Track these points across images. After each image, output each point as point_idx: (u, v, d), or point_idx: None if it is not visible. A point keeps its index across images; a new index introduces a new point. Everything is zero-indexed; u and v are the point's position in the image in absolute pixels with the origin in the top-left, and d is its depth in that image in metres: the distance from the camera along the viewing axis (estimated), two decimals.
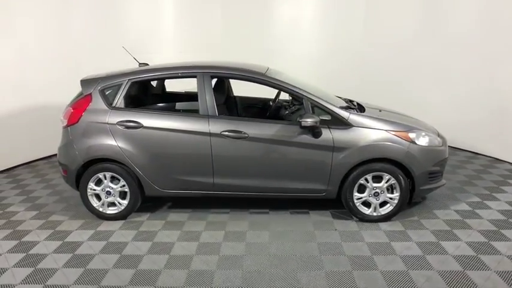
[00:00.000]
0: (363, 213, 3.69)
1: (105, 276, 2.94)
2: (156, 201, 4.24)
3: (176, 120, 3.64)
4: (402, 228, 3.58)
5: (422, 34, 6.28)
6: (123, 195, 3.83)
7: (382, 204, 3.68)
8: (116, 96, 3.73)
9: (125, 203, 3.82)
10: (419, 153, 3.57)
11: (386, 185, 3.60)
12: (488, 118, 5.58)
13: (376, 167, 3.56)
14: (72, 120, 3.73)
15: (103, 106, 3.70)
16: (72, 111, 3.75)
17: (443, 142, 3.87)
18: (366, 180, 3.60)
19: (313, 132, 3.52)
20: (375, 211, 3.69)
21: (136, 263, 3.10)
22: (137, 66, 4.39)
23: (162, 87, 4.90)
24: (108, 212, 3.85)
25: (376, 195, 3.64)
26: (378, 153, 3.52)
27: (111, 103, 3.71)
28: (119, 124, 3.64)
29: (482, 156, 5.75)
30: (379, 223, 3.69)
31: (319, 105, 3.59)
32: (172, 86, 4.80)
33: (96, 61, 5.71)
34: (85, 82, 3.84)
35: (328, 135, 3.52)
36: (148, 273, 2.96)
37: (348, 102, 4.26)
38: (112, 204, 3.85)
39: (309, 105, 3.59)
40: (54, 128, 4.52)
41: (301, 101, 3.72)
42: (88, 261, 3.14)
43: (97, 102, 3.72)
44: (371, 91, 6.68)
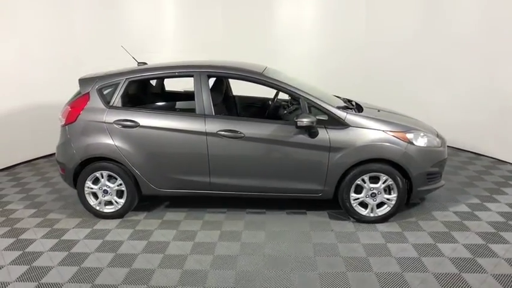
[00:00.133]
0: (359, 214, 3.66)
1: (99, 274, 2.95)
2: (154, 200, 4.25)
3: (173, 120, 3.64)
4: (399, 230, 3.55)
5: (424, 34, 6.22)
6: (120, 194, 3.84)
7: (379, 205, 3.65)
8: (114, 95, 3.74)
9: (122, 201, 3.83)
10: (417, 154, 3.54)
11: (383, 185, 3.58)
12: (491, 118, 5.52)
13: (373, 168, 3.54)
14: (70, 119, 3.75)
15: (100, 105, 3.71)
16: (70, 110, 3.77)
17: (442, 143, 3.83)
18: (363, 180, 3.58)
19: (309, 132, 3.50)
20: (372, 212, 3.66)
21: (130, 262, 3.10)
22: (136, 65, 4.40)
23: (162, 86, 4.90)
24: (105, 210, 3.86)
25: (373, 196, 3.61)
26: (375, 154, 3.49)
27: (109, 102, 3.72)
28: (116, 123, 3.65)
29: (485, 157, 5.69)
30: (376, 224, 3.66)
31: (315, 105, 3.57)
32: (172, 85, 4.80)
33: (97, 60, 5.72)
34: (83, 81, 3.85)
35: (324, 135, 3.50)
36: (142, 273, 2.96)
37: (347, 102, 4.23)
38: (109, 202, 3.86)
39: (306, 105, 3.57)
40: (55, 126, 4.51)
41: (298, 101, 3.71)
42: (83, 260, 3.15)
43: (95, 101, 3.73)
44: (372, 91, 6.64)
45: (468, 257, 3.06)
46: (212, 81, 4.45)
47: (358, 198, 3.64)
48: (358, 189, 3.63)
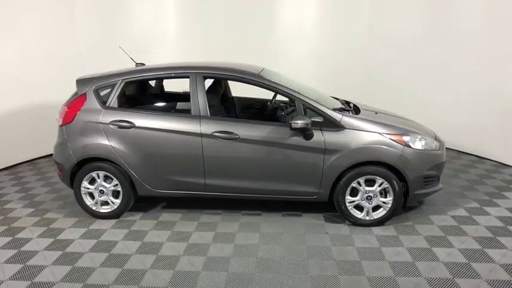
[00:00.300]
0: (355, 217, 3.63)
1: (91, 274, 2.96)
2: (151, 201, 4.26)
3: (168, 121, 3.65)
4: (395, 233, 3.51)
5: (427, 35, 6.16)
6: (116, 194, 3.85)
7: (375, 208, 3.62)
8: (110, 96, 3.76)
9: (118, 202, 3.84)
10: (413, 156, 3.50)
11: (379, 188, 3.54)
12: (495, 121, 5.43)
13: (368, 170, 3.50)
14: (67, 120, 3.78)
15: (97, 106, 3.73)
16: (67, 110, 3.80)
17: (441, 146, 3.78)
18: (358, 183, 3.55)
19: (304, 134, 3.48)
20: (367, 215, 3.62)
21: (123, 263, 3.11)
22: (134, 66, 4.42)
23: (161, 87, 4.92)
24: (102, 210, 3.88)
25: (368, 199, 3.58)
26: (370, 156, 3.45)
27: (105, 103, 3.74)
28: (111, 124, 3.67)
29: (487, 161, 5.61)
30: (372, 227, 3.62)
31: (311, 106, 3.55)
32: (173, 86, 4.81)
33: (98, 61, 5.77)
34: (80, 82, 3.88)
35: (319, 137, 3.48)
36: (133, 273, 2.97)
37: (344, 104, 4.20)
38: (105, 203, 3.88)
39: (301, 107, 3.56)
40: (56, 126, 4.57)
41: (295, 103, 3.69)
42: (77, 259, 3.17)
43: (91, 102, 3.75)
44: (374, 92, 6.61)
45: (463, 262, 3.02)
46: (211, 82, 4.48)
47: (353, 201, 3.60)
48: (354, 192, 3.60)
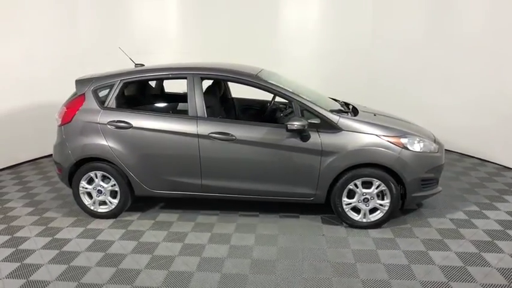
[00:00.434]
0: (352, 219, 3.61)
1: (86, 273, 2.98)
2: (149, 201, 4.28)
3: (165, 121, 3.66)
4: (392, 236, 3.49)
5: (431, 36, 6.11)
6: (113, 194, 3.87)
7: (372, 210, 3.60)
8: (108, 97, 3.79)
9: (116, 202, 3.87)
10: (411, 159, 3.47)
11: (376, 191, 3.52)
12: (498, 124, 5.37)
13: (365, 172, 3.48)
14: (66, 120, 3.81)
15: (95, 106, 3.76)
16: (66, 110, 3.83)
17: (440, 148, 3.74)
18: (355, 185, 3.53)
19: (301, 135, 3.47)
20: (364, 217, 3.60)
21: (118, 262, 3.13)
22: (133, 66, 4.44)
23: (161, 88, 4.94)
24: (100, 210, 3.91)
25: (365, 201, 3.55)
26: (367, 158, 3.44)
27: (104, 103, 3.77)
28: (109, 124, 3.69)
29: (490, 164, 5.54)
30: (369, 230, 3.60)
31: (308, 108, 3.54)
32: (173, 87, 4.81)
33: (100, 61, 5.82)
34: (79, 82, 3.91)
35: (316, 139, 3.47)
36: (128, 273, 2.98)
37: (343, 106, 4.19)
38: (103, 202, 3.90)
39: (298, 108, 3.55)
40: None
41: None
42: (73, 258, 3.20)
43: (90, 102, 3.78)
44: (377, 93, 6.58)
45: (459, 266, 2.99)
46: (210, 83, 4.49)
47: (350, 203, 3.59)
48: (351, 194, 3.58)
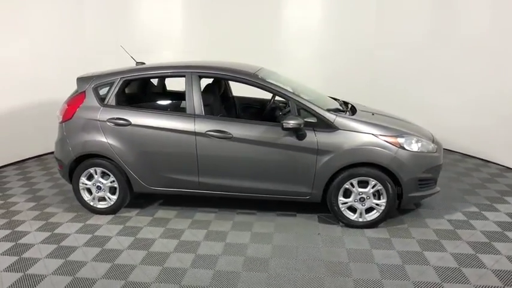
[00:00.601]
0: (348, 218, 3.61)
1: (82, 268, 3.03)
2: (148, 198, 4.32)
3: (163, 119, 3.69)
4: (387, 236, 3.47)
5: (433, 36, 6.05)
6: (113, 190, 3.92)
7: (368, 210, 3.59)
8: (108, 94, 3.83)
9: (115, 198, 3.92)
10: (408, 159, 3.45)
11: (372, 190, 3.51)
12: (501, 124, 5.30)
13: (361, 172, 3.47)
14: (67, 117, 3.87)
15: (95, 103, 3.81)
16: (67, 107, 3.89)
17: (438, 148, 3.71)
18: (352, 184, 3.52)
19: (297, 134, 3.47)
20: (360, 217, 3.59)
21: (114, 258, 3.17)
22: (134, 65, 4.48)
23: (163, 86, 4.98)
24: (99, 206, 3.96)
25: (361, 200, 3.55)
26: (363, 158, 3.43)
27: (104, 100, 3.82)
28: (109, 121, 3.74)
29: (493, 165, 5.48)
30: (365, 229, 3.59)
31: (304, 107, 3.54)
32: (176, 85, 4.84)
33: (105, 59, 5.87)
34: (80, 80, 3.97)
35: (312, 137, 3.47)
36: (123, 268, 3.02)
37: (342, 105, 4.18)
38: (102, 199, 3.96)
39: (295, 107, 3.55)
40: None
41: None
42: (70, 253, 3.25)
43: (90, 100, 3.84)
44: (379, 93, 6.54)
45: (454, 267, 2.96)
46: (210, 81, 4.52)
47: (346, 203, 3.58)
48: (347, 193, 3.58)
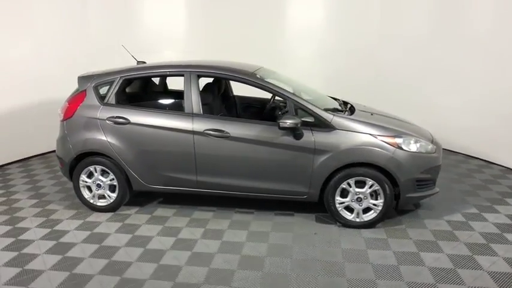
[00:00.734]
0: (345, 218, 3.60)
1: (79, 264, 3.07)
2: (148, 196, 4.36)
3: (162, 118, 3.73)
4: (384, 236, 3.46)
5: (437, 35, 6.00)
6: (112, 188, 3.96)
7: (365, 210, 3.58)
8: (108, 93, 3.88)
9: (114, 196, 3.96)
10: (405, 159, 3.44)
11: (369, 190, 3.50)
12: (505, 125, 5.23)
13: (359, 172, 3.47)
14: (68, 115, 3.92)
15: (95, 102, 3.86)
16: (68, 106, 3.95)
17: (437, 149, 3.69)
18: (349, 184, 3.52)
19: (294, 133, 3.48)
20: (357, 217, 3.59)
21: (111, 254, 3.21)
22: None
23: (164, 85, 5.02)
24: (99, 204, 4.01)
25: (359, 200, 3.54)
26: (360, 158, 3.42)
27: (104, 99, 3.86)
28: (108, 120, 3.78)
29: (496, 166, 5.42)
30: (362, 229, 3.58)
31: (302, 106, 3.54)
32: (178, 84, 4.87)
33: (109, 59, 5.93)
34: (81, 79, 4.02)
35: (309, 137, 3.47)
36: (119, 265, 3.06)
37: (342, 105, 4.18)
38: (102, 196, 4.00)
39: (293, 107, 3.56)
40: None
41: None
42: (68, 249, 3.30)
43: (90, 98, 3.88)
44: (382, 92, 6.49)
45: (449, 268, 2.95)
46: (210, 81, 4.54)
47: (343, 202, 3.58)
48: (345, 193, 3.57)
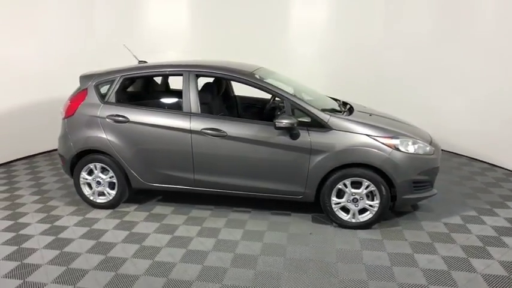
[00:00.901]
0: (341, 218, 3.60)
1: (76, 259, 3.13)
2: (147, 194, 4.41)
3: (160, 116, 3.77)
4: (380, 238, 3.45)
5: (440, 37, 5.96)
6: (112, 185, 4.02)
7: (362, 211, 3.57)
8: (109, 92, 3.94)
9: (114, 193, 4.01)
10: (402, 160, 3.43)
11: (365, 191, 3.49)
12: (509, 128, 5.18)
13: (355, 172, 3.47)
14: (69, 113, 4.00)
15: (96, 100, 3.92)
16: (69, 104, 4.02)
17: (435, 151, 3.67)
18: (345, 185, 3.52)
19: (290, 133, 3.49)
20: (353, 217, 3.58)
21: (108, 250, 3.26)
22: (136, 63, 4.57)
23: (166, 84, 5.07)
24: (98, 200, 4.07)
25: (355, 201, 3.54)
26: (356, 158, 3.42)
27: (104, 98, 3.92)
28: (108, 118, 3.84)
29: (500, 169, 5.36)
30: (358, 230, 3.58)
31: (299, 106, 3.55)
32: (180, 83, 4.91)
33: (113, 58, 6.00)
34: (83, 77, 4.09)
35: (306, 137, 3.48)
36: (115, 260, 3.10)
37: (341, 105, 4.18)
38: (102, 193, 4.06)
39: (289, 107, 3.57)
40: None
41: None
42: (66, 245, 3.36)
43: (91, 97, 3.95)
44: (385, 94, 6.45)
45: (443, 270, 2.93)
46: (210, 80, 4.57)
47: (339, 203, 3.58)
48: (341, 194, 3.58)
